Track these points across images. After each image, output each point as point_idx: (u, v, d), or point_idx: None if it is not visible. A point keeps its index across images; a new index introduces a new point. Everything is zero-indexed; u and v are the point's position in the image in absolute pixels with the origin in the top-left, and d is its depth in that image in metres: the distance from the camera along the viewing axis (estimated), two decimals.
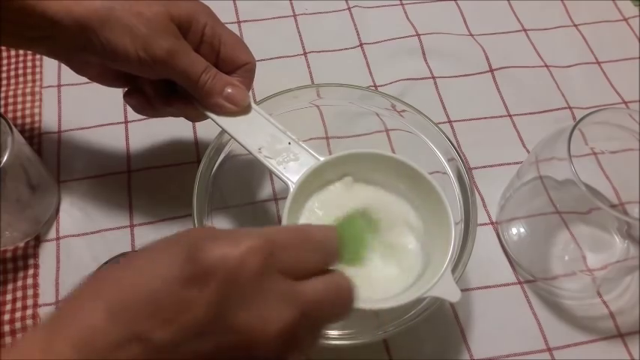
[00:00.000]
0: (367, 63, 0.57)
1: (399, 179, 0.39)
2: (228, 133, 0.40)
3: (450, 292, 0.35)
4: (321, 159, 0.39)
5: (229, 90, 0.38)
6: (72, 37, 0.36)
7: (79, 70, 0.41)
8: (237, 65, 0.40)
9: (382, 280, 0.36)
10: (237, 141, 0.39)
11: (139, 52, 0.35)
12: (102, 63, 0.38)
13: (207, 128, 0.52)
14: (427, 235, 0.38)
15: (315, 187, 0.39)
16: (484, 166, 0.51)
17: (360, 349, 0.41)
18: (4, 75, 0.54)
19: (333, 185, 0.40)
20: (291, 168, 0.38)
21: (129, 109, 0.53)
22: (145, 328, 0.23)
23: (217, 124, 0.39)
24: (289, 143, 0.39)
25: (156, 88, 0.40)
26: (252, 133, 0.39)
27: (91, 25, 0.35)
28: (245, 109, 0.39)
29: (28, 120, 0.52)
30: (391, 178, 0.40)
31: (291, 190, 0.37)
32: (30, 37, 0.37)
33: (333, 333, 0.38)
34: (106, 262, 0.43)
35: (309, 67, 0.57)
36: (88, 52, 0.37)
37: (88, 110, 0.53)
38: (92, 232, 0.46)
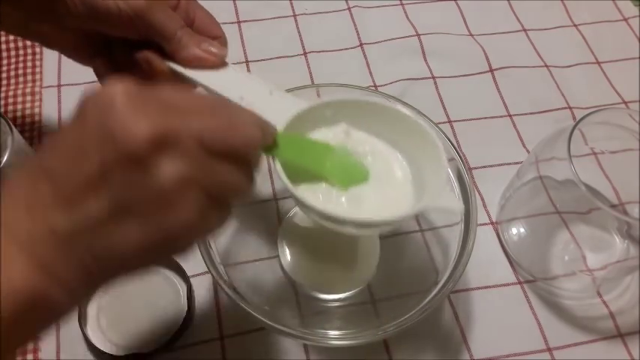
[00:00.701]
0: (367, 63, 0.57)
1: (386, 125, 0.38)
2: (205, 86, 0.38)
3: (452, 203, 0.36)
4: (306, 104, 0.37)
5: (205, 44, 0.38)
6: None
7: (52, 43, 0.40)
8: (210, 37, 0.39)
9: (380, 205, 0.36)
10: (215, 92, 0.37)
11: (118, 3, 0.36)
12: (78, 27, 0.38)
13: None
14: (418, 171, 0.37)
15: (305, 131, 0.37)
16: (484, 166, 0.51)
17: (360, 349, 0.41)
18: (4, 75, 0.54)
19: (326, 131, 0.38)
20: (276, 112, 0.35)
21: None
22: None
23: (193, 79, 0.38)
24: (270, 93, 0.37)
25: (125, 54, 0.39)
26: (231, 85, 0.37)
27: None
28: (222, 64, 0.38)
29: (28, 120, 0.52)
30: (386, 126, 0.38)
31: (279, 128, 0.35)
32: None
33: (333, 333, 0.38)
34: None
35: (309, 67, 0.57)
36: (66, 13, 0.36)
37: None
38: None
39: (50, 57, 0.56)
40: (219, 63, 0.38)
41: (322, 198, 0.35)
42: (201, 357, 0.42)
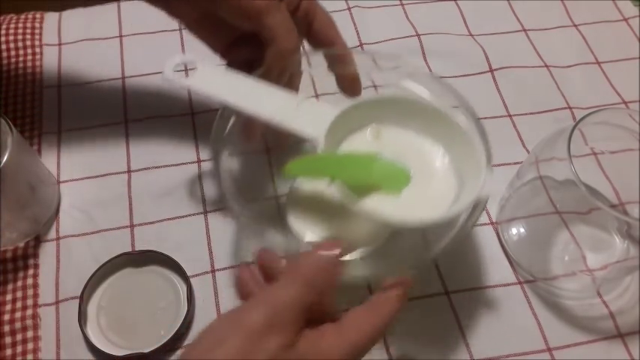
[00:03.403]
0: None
1: (424, 121, 0.39)
2: (236, 107, 0.38)
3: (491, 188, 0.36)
4: (337, 109, 0.37)
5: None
6: None
7: (176, 14, 0.42)
8: (326, 42, 0.42)
9: (423, 206, 0.36)
10: (247, 112, 0.38)
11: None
12: (205, 9, 0.40)
13: (207, 128, 0.52)
14: (457, 169, 0.38)
15: (339, 139, 0.38)
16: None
17: None
18: (4, 75, 0.54)
19: (358, 134, 0.39)
20: (309, 124, 0.36)
21: (129, 109, 0.53)
22: None
23: (225, 102, 0.38)
24: (297, 105, 0.38)
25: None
26: (259, 103, 0.38)
27: None
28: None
29: (28, 120, 0.52)
30: (416, 120, 0.39)
31: (320, 144, 0.35)
32: None
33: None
34: (105, 263, 0.44)
35: (310, 67, 0.56)
36: None
37: (88, 110, 0.53)
38: (92, 232, 0.46)
39: (50, 57, 0.56)
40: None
41: (378, 204, 0.35)
42: None
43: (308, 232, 0.43)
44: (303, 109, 0.37)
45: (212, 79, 0.39)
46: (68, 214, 0.47)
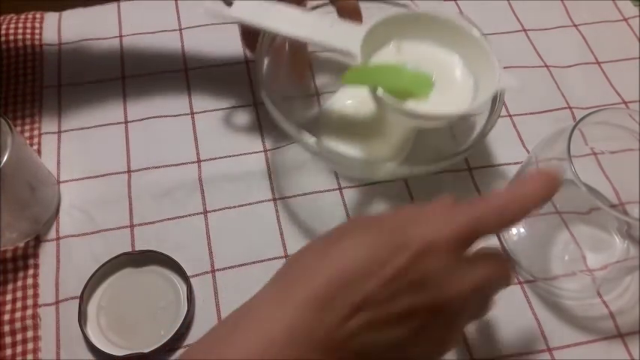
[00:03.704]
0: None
1: (439, 33, 0.43)
2: (278, 33, 0.43)
3: (511, 82, 0.41)
4: (366, 27, 0.41)
5: None
6: None
7: None
8: None
9: (449, 106, 0.40)
10: (289, 36, 0.43)
11: None
12: None
13: (207, 128, 0.52)
14: (472, 72, 0.43)
15: (369, 54, 0.42)
16: (484, 166, 0.51)
17: None
18: (4, 75, 0.54)
19: (383, 50, 0.43)
20: (344, 41, 0.41)
21: (129, 109, 0.53)
22: (359, 293, 0.28)
23: (267, 29, 0.43)
24: (331, 26, 0.42)
25: None
26: (298, 27, 0.42)
27: None
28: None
29: (28, 120, 0.52)
30: (431, 33, 0.43)
31: (357, 57, 0.40)
32: None
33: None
34: (105, 263, 0.44)
35: (311, 67, 0.57)
36: None
37: (88, 110, 0.53)
38: (92, 232, 0.46)
39: (50, 57, 0.56)
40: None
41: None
42: None
43: (341, 148, 0.45)
44: (336, 29, 0.42)
45: (251, 8, 0.43)
46: (68, 214, 0.47)
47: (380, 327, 0.28)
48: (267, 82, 0.44)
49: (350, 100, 0.49)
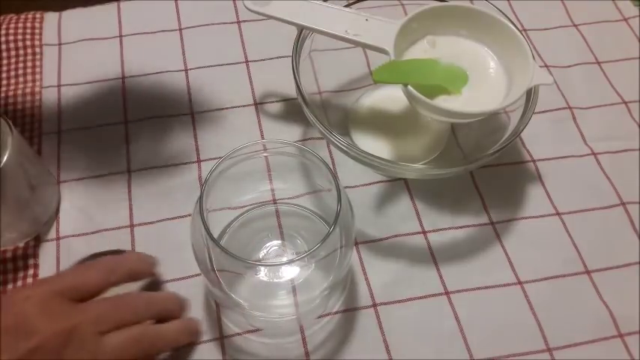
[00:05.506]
0: (368, 63, 0.57)
1: (473, 27, 0.44)
2: (312, 29, 0.44)
3: (544, 79, 0.41)
4: (399, 23, 0.42)
5: None
6: None
7: None
8: None
9: (482, 102, 0.41)
10: (323, 32, 0.44)
11: None
12: None
13: (207, 129, 0.52)
14: (505, 68, 0.43)
15: (402, 50, 0.43)
16: (484, 166, 0.51)
17: (360, 347, 0.41)
18: (4, 75, 0.54)
19: (416, 45, 0.44)
20: (378, 37, 0.42)
21: (129, 109, 0.53)
22: None
23: (299, 24, 0.44)
24: (366, 20, 0.43)
25: None
26: (333, 22, 0.43)
27: None
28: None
29: (28, 120, 0.52)
30: (466, 27, 0.44)
31: (391, 53, 0.41)
32: None
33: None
34: (93, 255, 0.43)
35: (313, 67, 0.57)
36: None
37: (88, 110, 0.53)
38: (92, 232, 0.46)
39: (50, 57, 0.56)
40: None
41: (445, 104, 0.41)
42: (202, 357, 0.42)
43: (371, 147, 0.45)
44: (370, 25, 0.43)
45: (288, 6, 0.44)
46: (68, 214, 0.47)
47: None
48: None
49: (380, 96, 0.50)
